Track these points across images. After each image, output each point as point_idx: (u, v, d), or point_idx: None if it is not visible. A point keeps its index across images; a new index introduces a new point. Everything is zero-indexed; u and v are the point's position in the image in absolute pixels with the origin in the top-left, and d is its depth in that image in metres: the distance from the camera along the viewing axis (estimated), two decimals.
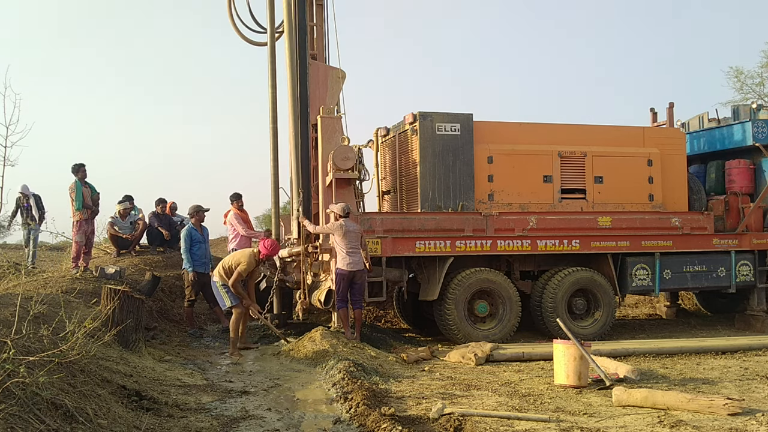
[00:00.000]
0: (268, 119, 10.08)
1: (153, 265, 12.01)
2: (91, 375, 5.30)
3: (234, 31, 10.64)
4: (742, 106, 12.05)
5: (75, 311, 6.41)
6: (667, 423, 5.38)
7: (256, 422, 5.45)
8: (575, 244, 10.07)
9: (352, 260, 8.76)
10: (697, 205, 11.15)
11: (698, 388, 6.71)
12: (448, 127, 9.99)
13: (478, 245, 9.71)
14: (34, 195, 12.27)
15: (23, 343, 4.79)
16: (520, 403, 6.08)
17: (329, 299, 9.16)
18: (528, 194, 10.31)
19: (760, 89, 24.00)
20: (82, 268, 10.49)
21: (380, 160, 11.39)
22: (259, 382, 7.03)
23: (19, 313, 4.89)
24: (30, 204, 12.17)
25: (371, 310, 11.75)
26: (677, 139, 11.34)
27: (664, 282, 10.54)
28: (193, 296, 10.23)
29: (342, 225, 8.76)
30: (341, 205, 8.93)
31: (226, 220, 11.58)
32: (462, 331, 9.46)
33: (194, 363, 8.06)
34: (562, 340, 6.98)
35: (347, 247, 8.74)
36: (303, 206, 9.42)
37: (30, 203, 12.17)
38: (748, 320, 11.27)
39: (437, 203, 9.92)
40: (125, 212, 12.67)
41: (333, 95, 10.05)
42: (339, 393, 6.29)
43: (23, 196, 12.18)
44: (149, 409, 5.31)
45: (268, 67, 10.05)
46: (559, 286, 9.92)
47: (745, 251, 10.98)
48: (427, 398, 6.30)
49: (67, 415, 4.24)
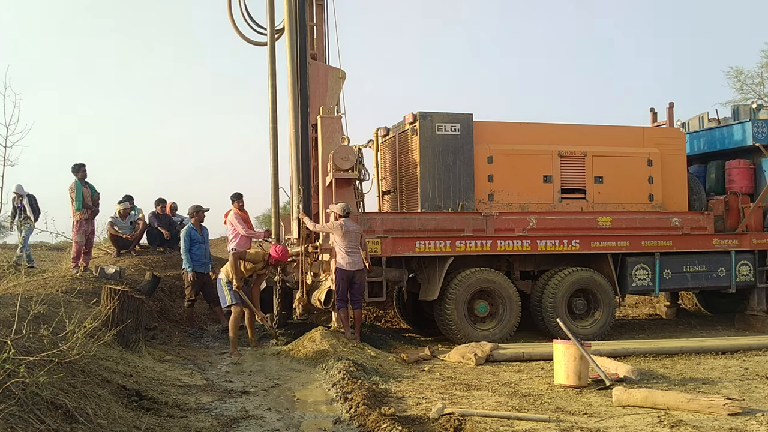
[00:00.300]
0: (268, 119, 10.08)
1: (153, 265, 12.01)
2: (91, 375, 5.30)
3: (234, 30, 10.64)
4: (742, 106, 12.05)
5: (75, 311, 6.42)
6: (667, 423, 5.38)
7: (256, 422, 5.45)
8: (575, 244, 10.07)
9: (352, 260, 8.76)
10: (697, 205, 11.15)
11: (698, 388, 6.71)
12: (448, 127, 9.99)
13: (478, 245, 9.70)
14: (28, 195, 12.20)
15: (23, 343, 4.79)
16: (520, 403, 6.08)
17: (329, 299, 9.16)
18: (528, 194, 10.30)
19: (760, 89, 24.02)
20: (82, 268, 10.49)
21: (380, 160, 11.39)
22: (259, 382, 7.03)
23: (19, 313, 4.88)
24: (24, 205, 12.09)
25: (371, 310, 11.74)
26: (677, 139, 11.33)
27: (664, 282, 10.54)
28: (193, 296, 10.23)
29: (342, 225, 8.77)
30: (341, 205, 8.93)
31: (226, 220, 11.58)
32: (462, 331, 9.46)
33: (194, 363, 8.05)
34: (562, 340, 6.98)
35: (346, 246, 8.75)
36: (303, 203, 9.42)
37: (24, 204, 12.08)
38: (748, 320, 11.26)
39: (437, 203, 9.92)
40: (125, 212, 12.67)
41: (333, 95, 10.04)
42: (339, 393, 6.29)
43: (17, 196, 12.12)
44: (149, 409, 5.30)
45: (268, 67, 10.05)
46: (559, 286, 9.92)
47: (745, 251, 10.98)
48: (427, 398, 6.30)
49: (67, 415, 4.23)
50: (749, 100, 21.43)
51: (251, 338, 9.14)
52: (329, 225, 9.00)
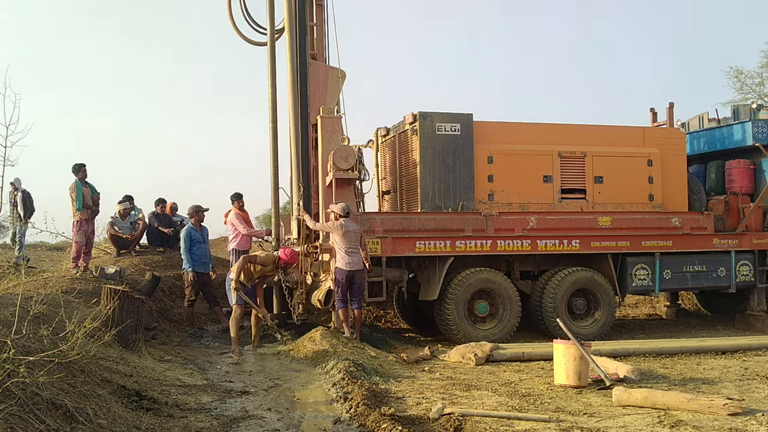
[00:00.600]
0: (268, 119, 10.08)
1: (153, 265, 12.01)
2: (91, 375, 5.30)
3: (234, 30, 10.64)
4: (742, 106, 12.05)
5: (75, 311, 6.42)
6: (667, 423, 5.38)
7: (256, 422, 5.45)
8: (575, 244, 10.07)
9: (351, 260, 8.77)
10: (697, 205, 11.15)
11: (698, 388, 6.71)
12: (448, 127, 9.99)
13: (478, 245, 9.70)
14: (24, 191, 12.04)
15: (23, 343, 4.79)
16: (520, 403, 6.08)
17: (329, 299, 9.16)
18: (528, 194, 10.31)
19: (760, 89, 24.03)
20: (82, 268, 10.48)
21: (380, 160, 11.39)
22: (259, 382, 7.03)
23: (19, 313, 4.89)
24: (16, 200, 11.89)
25: (371, 310, 11.74)
26: (677, 139, 11.33)
27: (664, 282, 10.54)
28: (193, 296, 10.24)
29: (342, 225, 8.77)
30: (341, 204, 8.93)
31: (226, 220, 11.59)
32: (462, 331, 9.46)
33: (194, 363, 8.05)
34: (562, 340, 6.98)
35: (346, 246, 8.76)
36: (303, 201, 9.41)
37: (17, 199, 11.90)
38: (748, 320, 11.26)
39: (437, 203, 9.92)
40: (125, 212, 12.67)
41: (333, 95, 10.04)
42: (339, 393, 6.29)
43: (13, 189, 11.95)
44: (149, 409, 5.30)
45: (268, 67, 10.05)
46: (559, 286, 9.92)
47: (745, 251, 10.98)
48: (427, 398, 6.29)
49: (67, 415, 4.23)
50: (749, 100, 21.44)
51: (254, 338, 9.15)
52: (329, 224, 9.00)
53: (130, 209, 12.83)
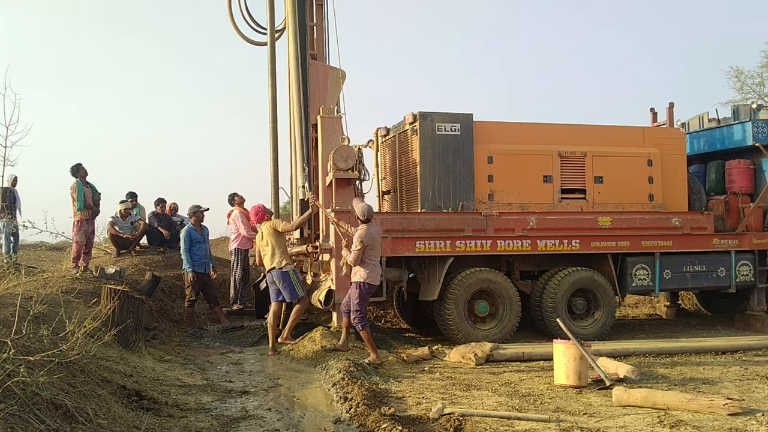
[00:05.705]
0: (268, 119, 10.09)
1: (153, 265, 12.02)
2: (91, 375, 5.30)
3: (234, 30, 10.65)
4: (742, 106, 12.04)
5: (75, 311, 6.43)
6: (667, 423, 5.38)
7: (256, 422, 5.45)
8: (575, 244, 10.07)
9: (379, 270, 8.12)
10: (697, 205, 11.14)
11: (698, 388, 6.71)
12: (448, 127, 9.99)
13: (478, 245, 9.70)
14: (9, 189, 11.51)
15: (23, 343, 4.80)
16: (520, 403, 6.08)
17: (329, 299, 9.15)
18: (528, 194, 10.30)
19: (760, 89, 24.04)
20: (82, 268, 10.49)
21: (380, 160, 11.38)
22: (259, 382, 7.03)
23: (19, 313, 4.89)
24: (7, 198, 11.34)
25: (371, 310, 11.74)
26: (677, 139, 11.33)
27: (664, 282, 10.53)
28: (193, 296, 10.24)
29: (370, 233, 7.90)
30: (362, 207, 8.06)
31: (229, 219, 11.60)
32: (462, 331, 9.45)
33: (194, 363, 8.06)
34: (562, 340, 6.98)
35: (377, 257, 8.07)
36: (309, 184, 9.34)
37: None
38: (748, 320, 11.26)
39: (437, 203, 9.92)
40: (126, 212, 12.68)
41: (333, 95, 10.04)
42: (339, 393, 6.29)
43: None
44: (149, 409, 5.31)
45: (268, 66, 10.05)
46: (559, 286, 9.91)
47: (745, 251, 10.96)
48: (427, 398, 6.30)
49: (67, 415, 4.24)
50: (749, 100, 21.45)
51: (288, 330, 8.91)
52: (361, 234, 7.92)
53: (131, 208, 12.85)
